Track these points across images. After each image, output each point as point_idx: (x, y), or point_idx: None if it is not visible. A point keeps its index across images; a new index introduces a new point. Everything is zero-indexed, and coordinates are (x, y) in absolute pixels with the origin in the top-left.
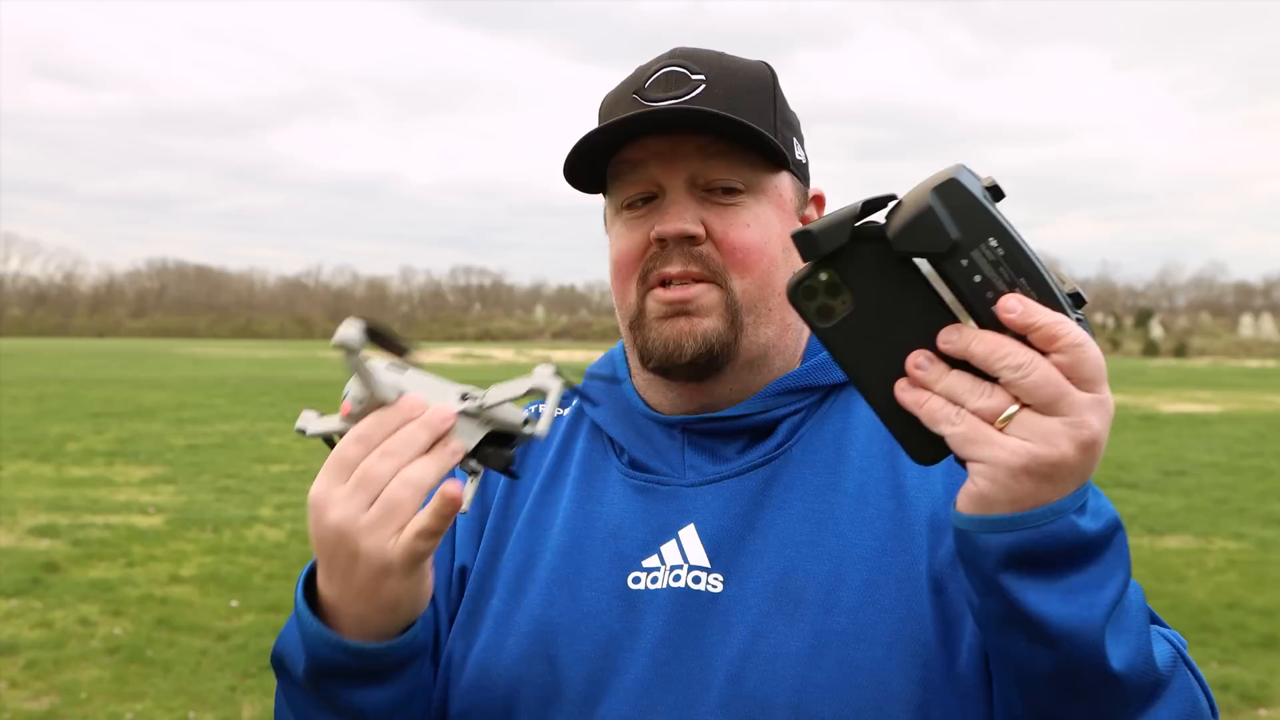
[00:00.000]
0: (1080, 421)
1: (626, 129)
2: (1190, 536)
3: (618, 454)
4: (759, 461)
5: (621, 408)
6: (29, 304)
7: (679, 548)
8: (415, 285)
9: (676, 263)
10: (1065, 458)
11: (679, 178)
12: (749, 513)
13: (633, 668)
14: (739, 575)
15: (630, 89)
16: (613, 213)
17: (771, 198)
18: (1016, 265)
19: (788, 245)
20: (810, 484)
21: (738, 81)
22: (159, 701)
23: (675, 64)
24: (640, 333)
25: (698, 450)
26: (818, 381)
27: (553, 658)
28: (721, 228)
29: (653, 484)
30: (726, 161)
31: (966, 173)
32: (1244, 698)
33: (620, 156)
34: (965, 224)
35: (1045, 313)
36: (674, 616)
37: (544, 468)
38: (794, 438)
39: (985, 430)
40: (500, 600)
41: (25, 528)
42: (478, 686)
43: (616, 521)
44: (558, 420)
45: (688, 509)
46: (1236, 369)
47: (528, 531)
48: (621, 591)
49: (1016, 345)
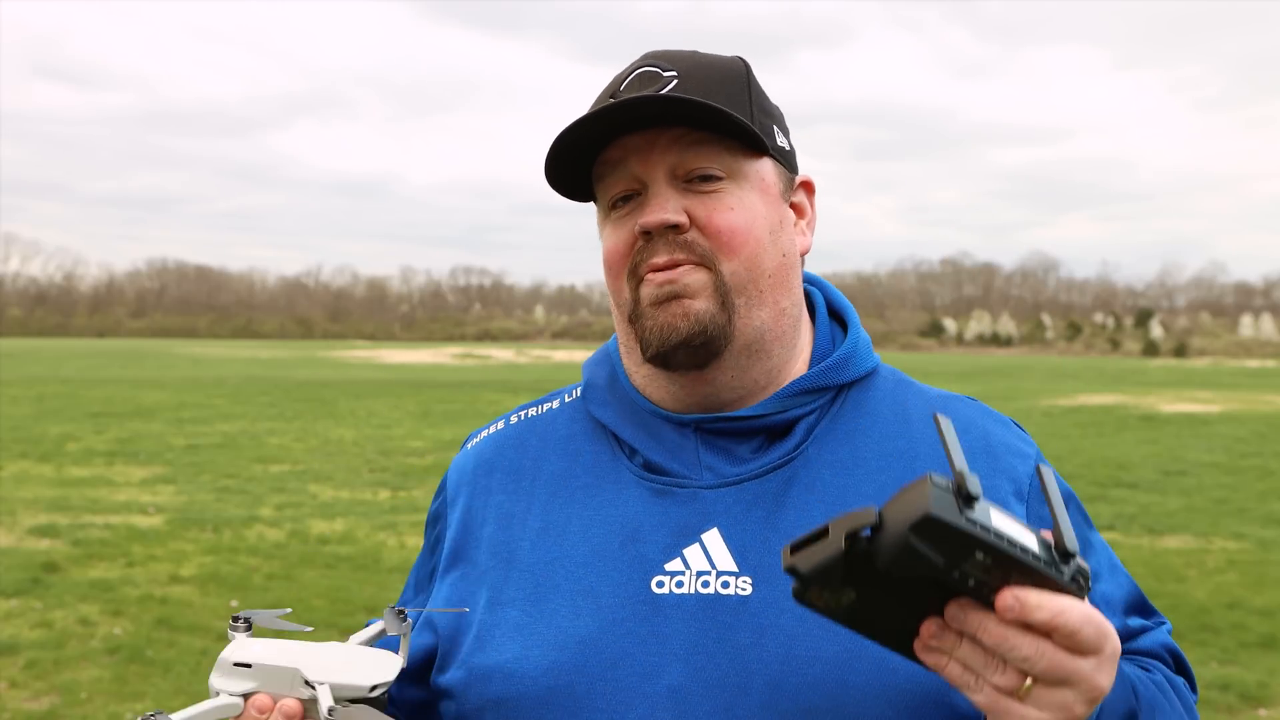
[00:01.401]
0: (1090, 686)
1: (598, 126)
2: (1190, 536)
3: (628, 455)
4: (778, 463)
5: (626, 406)
6: (29, 304)
7: (703, 551)
8: (415, 285)
9: (663, 252)
10: (1080, 715)
11: (659, 170)
12: (771, 515)
13: (665, 673)
14: (768, 578)
15: (607, 94)
16: (601, 216)
17: (754, 182)
18: (1005, 565)
19: (773, 228)
20: (830, 485)
21: (710, 74)
22: (159, 701)
23: (648, 64)
24: (639, 324)
25: (712, 450)
26: (832, 381)
27: (581, 667)
28: (705, 213)
29: (671, 486)
30: (704, 150)
31: (937, 492)
32: (1244, 698)
33: (600, 158)
34: (949, 551)
35: (1040, 606)
36: (705, 621)
37: (548, 473)
38: (810, 437)
39: (1006, 702)
40: (520, 611)
41: (25, 528)
42: (504, 700)
43: (635, 525)
44: (553, 414)
45: (710, 512)
46: (1236, 369)
47: (542, 541)
48: (645, 596)
49: (1020, 636)
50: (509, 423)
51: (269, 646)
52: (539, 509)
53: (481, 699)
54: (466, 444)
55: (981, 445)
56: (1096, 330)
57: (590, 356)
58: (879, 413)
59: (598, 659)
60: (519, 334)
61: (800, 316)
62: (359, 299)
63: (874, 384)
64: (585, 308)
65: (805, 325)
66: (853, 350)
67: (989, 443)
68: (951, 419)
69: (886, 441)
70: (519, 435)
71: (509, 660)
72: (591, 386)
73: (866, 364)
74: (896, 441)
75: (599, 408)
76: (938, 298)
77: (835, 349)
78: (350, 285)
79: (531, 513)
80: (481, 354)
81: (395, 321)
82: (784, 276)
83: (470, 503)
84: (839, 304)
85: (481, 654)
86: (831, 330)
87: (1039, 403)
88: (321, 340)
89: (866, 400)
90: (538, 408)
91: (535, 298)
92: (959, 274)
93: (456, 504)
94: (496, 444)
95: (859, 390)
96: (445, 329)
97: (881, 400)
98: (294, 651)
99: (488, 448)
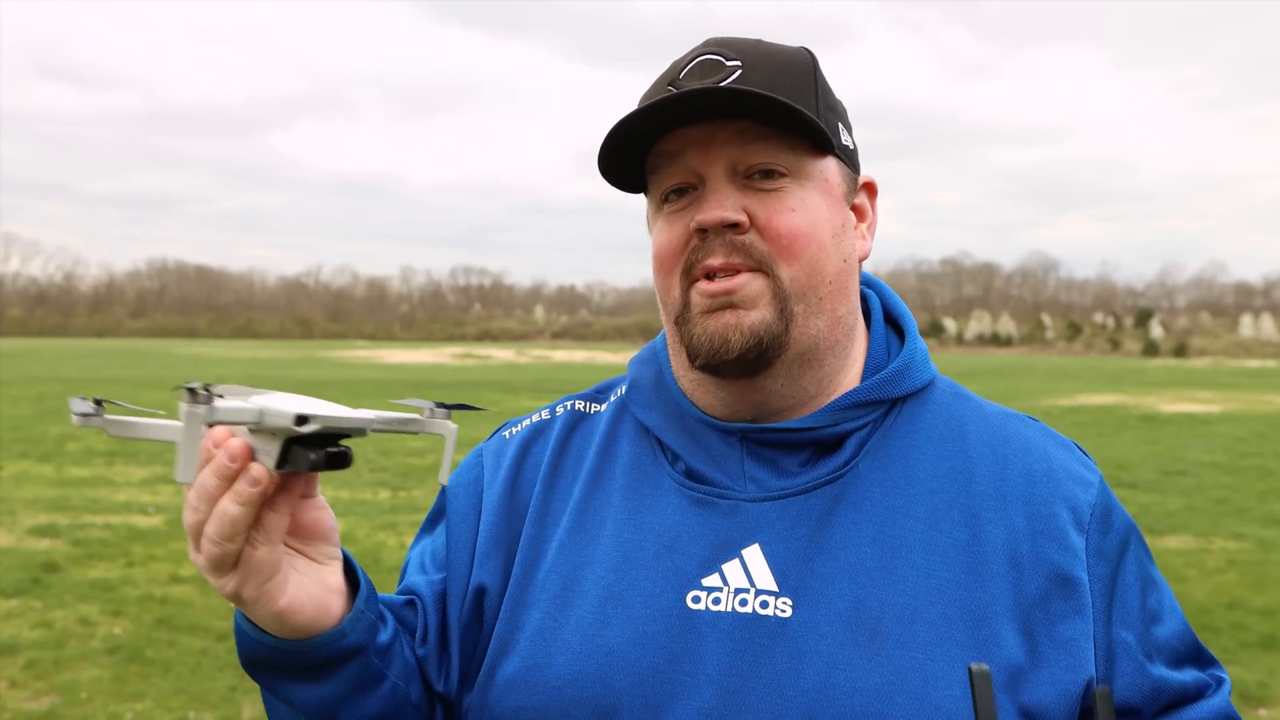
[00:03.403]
0: None
1: (658, 117)
2: (1190, 536)
3: (670, 460)
4: (826, 479)
5: (672, 410)
6: (29, 304)
7: (743, 568)
8: (415, 285)
9: (719, 254)
10: None
11: (717, 165)
12: (816, 533)
13: (697, 694)
14: (809, 600)
15: (665, 81)
16: (653, 209)
17: (817, 182)
18: None
19: (836, 231)
20: (880, 504)
21: (775, 65)
22: (159, 701)
23: (710, 52)
24: (686, 329)
25: (758, 461)
26: (886, 395)
27: (608, 679)
28: (765, 214)
29: (712, 497)
30: (767, 145)
31: None
32: (1244, 698)
33: (656, 149)
34: None
35: None
36: (741, 642)
37: (585, 471)
38: (860, 453)
39: None
40: (543, 614)
41: (25, 528)
42: (522, 710)
43: (672, 534)
44: (596, 417)
45: (752, 527)
46: (1236, 369)
47: (572, 541)
48: (680, 611)
49: None
50: (554, 413)
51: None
52: (572, 507)
53: (501, 707)
54: (505, 431)
55: (1043, 469)
56: (1096, 330)
57: (637, 354)
58: (934, 429)
59: (626, 672)
60: (519, 334)
61: (856, 324)
62: (359, 299)
63: (930, 398)
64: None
65: (860, 332)
66: (909, 361)
67: (1050, 466)
68: (1011, 439)
69: (941, 461)
70: (564, 429)
71: (530, 667)
72: (636, 387)
73: (923, 376)
74: (952, 461)
75: (642, 410)
76: (938, 298)
77: (890, 358)
78: (350, 285)
79: (565, 511)
80: (481, 354)
81: (395, 321)
82: (844, 283)
83: (514, 494)
84: (896, 310)
85: (502, 658)
86: (887, 338)
87: (1039, 403)
88: (321, 340)
89: (921, 415)
90: (584, 402)
91: (535, 298)
92: (959, 274)
93: (494, 486)
94: (543, 437)
95: (914, 404)
96: (445, 329)
97: (937, 416)
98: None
99: (533, 439)
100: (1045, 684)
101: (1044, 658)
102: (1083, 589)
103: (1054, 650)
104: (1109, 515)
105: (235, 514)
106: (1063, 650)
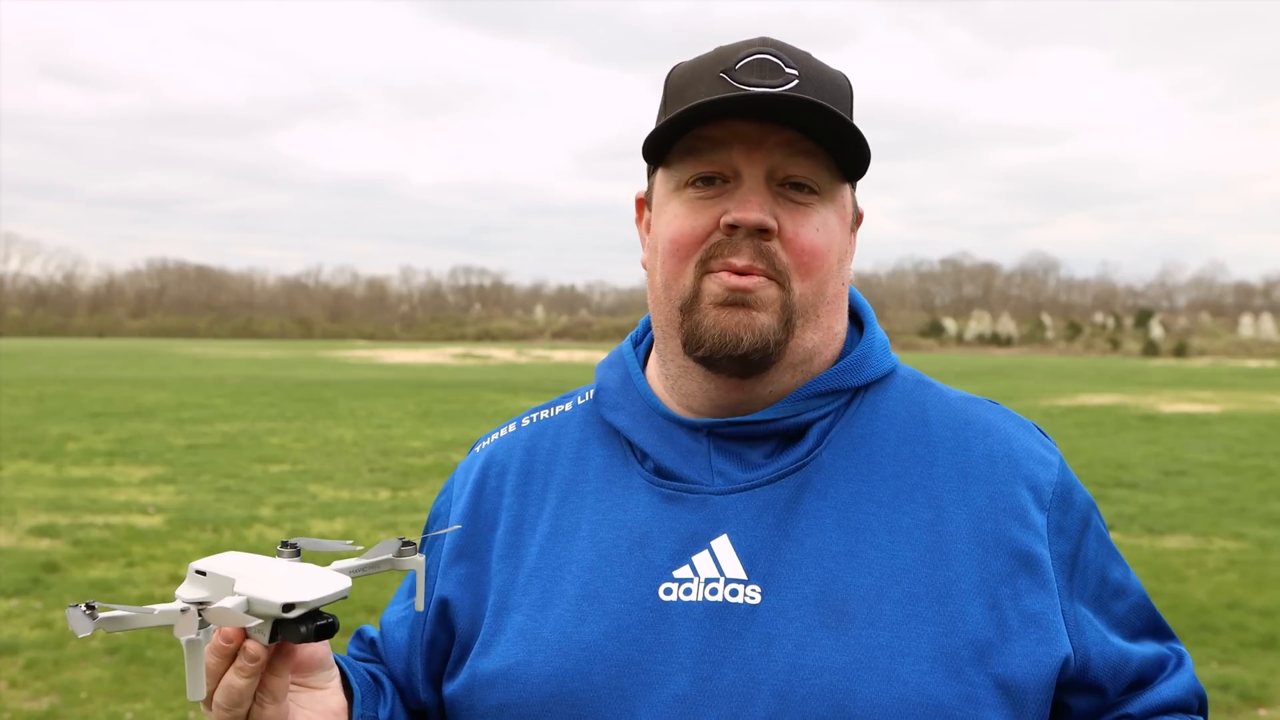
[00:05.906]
0: None
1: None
2: (1190, 536)
3: (639, 459)
4: (790, 468)
5: (640, 409)
6: (29, 304)
7: (713, 558)
8: (415, 285)
9: (745, 254)
10: None
11: (759, 167)
12: (782, 522)
13: (671, 682)
14: (777, 587)
15: (716, 67)
16: (670, 187)
17: (837, 206)
18: None
19: (842, 256)
20: (843, 490)
21: (826, 84)
22: (159, 701)
23: (768, 52)
24: (692, 317)
25: (724, 455)
26: (847, 384)
27: (586, 674)
28: (793, 227)
29: (681, 492)
30: (809, 160)
31: None
32: (1244, 698)
33: (701, 132)
34: None
35: None
36: (712, 630)
37: (559, 478)
38: (824, 441)
39: None
40: (525, 616)
41: (25, 528)
42: (506, 706)
43: (644, 530)
44: (565, 417)
45: (719, 518)
46: (1236, 369)
47: (551, 545)
48: (652, 603)
49: None
50: (520, 425)
51: (235, 559)
52: (549, 513)
53: (484, 705)
54: (475, 447)
55: (1003, 450)
56: (1096, 330)
57: (604, 359)
58: (896, 415)
59: (603, 666)
60: (519, 334)
61: (843, 333)
62: (359, 299)
63: (892, 386)
64: (585, 308)
65: (843, 337)
66: (869, 351)
67: (1010, 447)
68: (972, 422)
69: (904, 446)
70: (531, 438)
71: (512, 665)
72: (604, 389)
73: (883, 365)
74: (914, 445)
75: (611, 411)
76: (938, 298)
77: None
78: (350, 285)
79: (541, 517)
80: (481, 354)
81: (395, 321)
82: (839, 303)
83: (478, 505)
84: (856, 303)
85: (485, 659)
86: (849, 331)
87: (1039, 403)
88: (321, 340)
89: (883, 402)
90: (550, 410)
91: (535, 298)
92: (959, 274)
93: (460, 502)
94: (508, 447)
95: (876, 392)
96: (445, 329)
97: (899, 402)
98: (248, 563)
99: (499, 450)
100: (1018, 656)
101: (1013, 631)
102: (1045, 566)
103: (1023, 624)
104: (1069, 493)
105: (240, 685)
106: (1032, 624)
